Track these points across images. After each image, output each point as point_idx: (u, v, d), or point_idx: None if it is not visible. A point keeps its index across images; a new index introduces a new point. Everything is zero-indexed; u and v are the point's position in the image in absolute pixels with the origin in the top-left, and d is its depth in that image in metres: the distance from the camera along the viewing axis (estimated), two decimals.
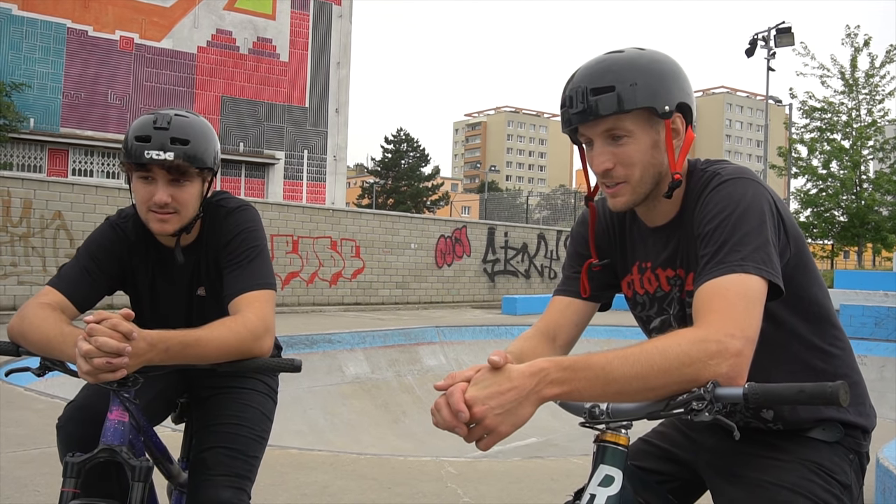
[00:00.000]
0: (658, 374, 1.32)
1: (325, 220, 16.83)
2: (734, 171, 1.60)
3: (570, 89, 1.61)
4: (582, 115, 1.57)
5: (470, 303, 19.47)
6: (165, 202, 2.04)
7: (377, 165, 58.75)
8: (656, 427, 1.94)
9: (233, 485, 2.06)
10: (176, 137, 2.02)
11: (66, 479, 1.83)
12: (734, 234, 1.48)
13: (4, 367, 7.20)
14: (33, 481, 4.12)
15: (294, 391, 8.47)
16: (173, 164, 2.01)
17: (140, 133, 2.02)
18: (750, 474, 1.64)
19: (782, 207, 1.58)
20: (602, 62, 1.60)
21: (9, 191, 12.21)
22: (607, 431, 1.43)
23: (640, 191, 1.63)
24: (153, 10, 22.61)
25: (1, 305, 12.06)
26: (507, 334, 13.53)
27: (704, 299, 1.44)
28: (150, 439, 2.05)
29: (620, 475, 1.41)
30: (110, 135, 21.74)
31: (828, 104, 26.66)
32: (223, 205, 2.22)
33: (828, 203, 26.87)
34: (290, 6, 25.32)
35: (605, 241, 1.86)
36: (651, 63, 1.59)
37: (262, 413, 2.26)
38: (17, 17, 20.44)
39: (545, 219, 46.87)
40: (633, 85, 1.55)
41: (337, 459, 5.07)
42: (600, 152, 1.61)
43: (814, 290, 1.67)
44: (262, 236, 2.19)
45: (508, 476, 4.61)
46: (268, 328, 1.98)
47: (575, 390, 1.33)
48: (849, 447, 1.67)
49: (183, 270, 2.23)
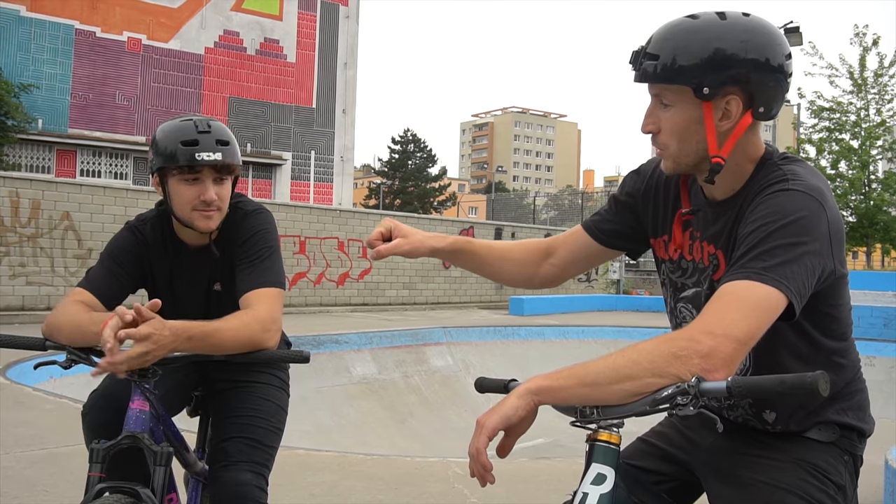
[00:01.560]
0: (629, 364, 1.37)
1: (333, 221, 16.85)
2: (805, 184, 1.53)
3: (639, 46, 1.62)
4: (636, 75, 1.60)
5: (477, 303, 19.47)
6: (214, 199, 2.20)
7: (384, 166, 58.75)
8: (655, 427, 1.93)
9: (252, 469, 2.20)
10: (219, 139, 2.20)
11: (92, 464, 1.93)
12: (766, 243, 1.46)
13: (29, 362, 7.27)
14: (42, 481, 4.14)
15: (301, 391, 8.47)
16: (223, 163, 2.18)
17: (186, 138, 2.18)
18: (744, 474, 1.63)
19: (836, 234, 1.53)
20: (669, 28, 1.59)
21: (17, 191, 12.25)
22: (599, 430, 1.43)
23: (682, 162, 1.63)
24: (161, 11, 22.68)
25: (10, 306, 12.10)
26: (515, 335, 13.52)
27: (710, 301, 1.45)
28: (168, 428, 2.16)
29: (613, 473, 1.41)
30: (118, 135, 21.83)
31: (836, 104, 26.53)
32: (241, 206, 2.37)
33: (837, 203, 26.75)
34: (298, 7, 25.37)
35: (655, 197, 1.83)
36: (712, 39, 1.52)
37: (278, 405, 2.40)
38: (25, 19, 20.52)
39: (552, 219, 46.86)
40: (676, 59, 1.53)
41: (344, 460, 5.08)
42: (649, 113, 1.63)
43: (842, 308, 1.67)
44: (275, 238, 2.36)
45: (516, 477, 4.60)
46: (275, 321, 2.12)
47: (557, 385, 1.40)
48: (844, 448, 1.66)
49: (200, 267, 2.37)
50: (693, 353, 1.34)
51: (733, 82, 1.53)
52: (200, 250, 2.34)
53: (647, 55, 1.57)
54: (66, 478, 4.10)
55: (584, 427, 1.46)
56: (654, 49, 1.56)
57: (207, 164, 2.16)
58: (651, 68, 1.56)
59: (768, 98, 1.56)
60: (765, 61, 1.53)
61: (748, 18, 1.56)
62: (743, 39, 1.52)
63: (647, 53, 1.57)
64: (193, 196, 2.19)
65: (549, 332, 13.97)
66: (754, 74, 1.53)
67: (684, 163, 1.63)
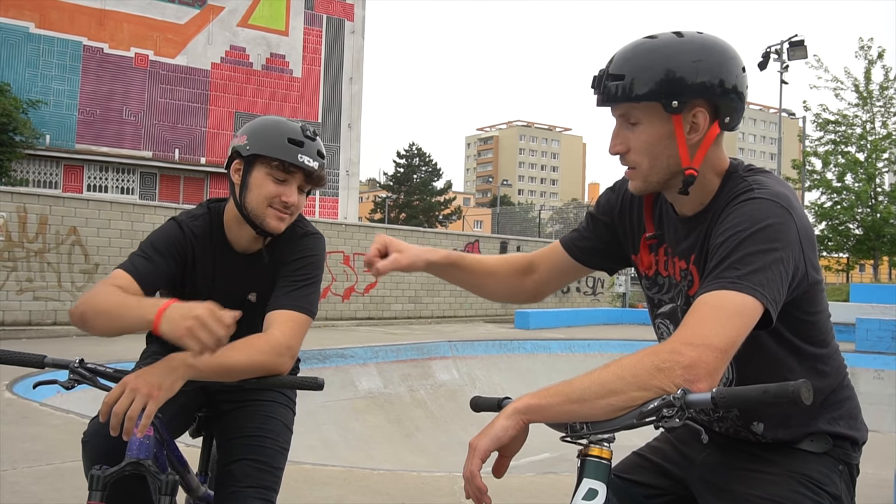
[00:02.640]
0: (613, 379, 1.37)
1: (338, 235, 16.88)
2: (770, 193, 1.55)
3: (599, 70, 1.64)
4: (599, 98, 1.62)
5: (482, 317, 19.45)
6: (294, 203, 2.20)
7: (389, 180, 58.90)
8: (650, 441, 1.93)
9: (260, 496, 2.14)
10: (320, 151, 2.23)
11: (92, 491, 1.85)
12: (737, 252, 1.48)
13: (28, 380, 7.27)
14: (48, 496, 4.14)
15: (307, 406, 8.46)
16: (318, 174, 2.21)
17: (294, 137, 2.18)
18: (738, 489, 1.63)
19: (806, 239, 1.54)
20: (631, 48, 1.62)
21: (25, 206, 12.31)
22: (590, 445, 1.44)
23: (652, 179, 1.64)
24: (168, 27, 22.83)
25: (17, 321, 12.13)
26: (520, 349, 13.50)
27: (688, 313, 1.46)
28: (172, 453, 2.09)
29: (604, 488, 1.42)
30: (125, 151, 21.93)
31: (842, 117, 26.58)
32: (300, 226, 2.34)
33: (843, 216, 26.74)
34: (303, 22, 25.52)
35: (622, 221, 1.86)
36: (676, 54, 1.56)
37: (284, 424, 2.35)
38: (34, 36, 20.68)
39: (557, 233, 46.84)
40: (642, 76, 1.56)
41: (350, 474, 5.07)
42: (616, 134, 1.65)
43: (820, 315, 1.67)
44: (321, 268, 2.32)
45: (522, 492, 4.59)
46: (290, 348, 2.06)
47: (545, 403, 1.41)
48: (838, 458, 1.66)
49: (241, 274, 2.32)
50: (675, 364, 1.35)
51: (699, 95, 1.56)
52: (247, 257, 2.31)
53: (610, 76, 1.59)
54: (73, 493, 4.10)
55: (574, 442, 1.46)
56: (617, 70, 1.58)
57: (306, 168, 2.16)
58: (615, 89, 1.58)
59: (731, 109, 1.60)
60: (734, 71, 1.58)
61: (704, 36, 1.61)
62: (707, 51, 1.57)
63: (611, 75, 1.59)
64: (275, 193, 2.17)
65: (554, 346, 13.94)
66: (726, 85, 1.57)
67: (654, 180, 1.64)
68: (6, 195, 12.34)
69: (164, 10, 22.78)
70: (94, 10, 21.61)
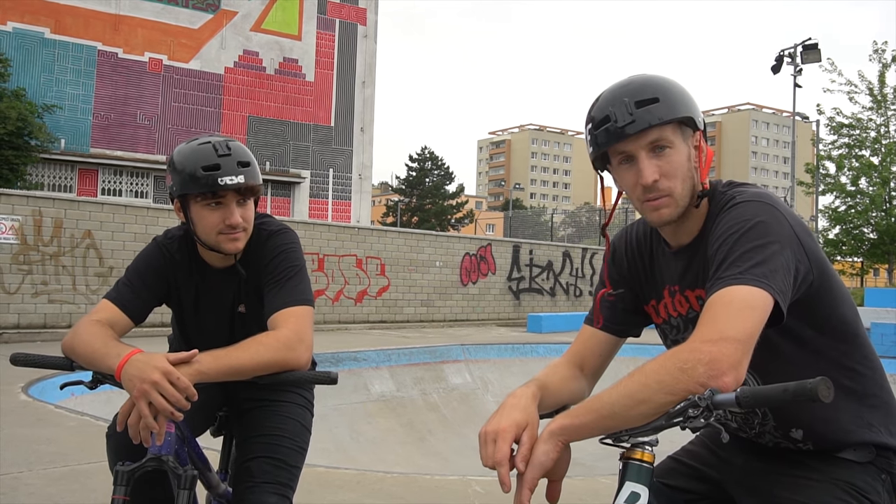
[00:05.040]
0: (639, 388, 1.37)
1: (351, 239, 16.91)
2: (752, 194, 1.60)
3: (606, 107, 1.61)
4: (630, 126, 1.57)
5: (495, 321, 19.44)
6: (239, 223, 2.16)
7: (402, 184, 58.95)
8: (686, 445, 1.93)
9: (276, 492, 2.18)
10: (240, 161, 2.15)
11: (116, 486, 1.91)
12: (734, 252, 1.49)
13: (51, 380, 7.32)
14: (64, 498, 4.16)
15: (320, 409, 8.40)
16: (246, 185, 2.14)
17: (206, 163, 2.12)
18: (781, 494, 1.62)
19: (802, 231, 1.57)
20: (631, 81, 1.63)
21: (40, 210, 12.39)
22: (633, 449, 1.44)
23: (682, 203, 1.63)
24: (181, 31, 22.95)
25: (33, 324, 12.21)
26: (533, 352, 13.47)
27: (700, 316, 1.46)
28: (192, 450, 2.14)
29: (647, 492, 1.41)
30: (139, 155, 22.05)
31: (856, 120, 26.40)
32: (265, 227, 2.33)
33: (857, 220, 26.56)
34: (316, 27, 25.60)
35: (634, 267, 1.86)
36: (672, 82, 1.63)
37: (302, 425, 2.39)
38: (49, 41, 20.83)
39: (570, 236, 46.73)
40: (671, 96, 1.59)
41: (364, 478, 5.07)
42: (647, 164, 1.59)
43: (841, 309, 1.66)
44: (299, 256, 2.30)
45: (537, 496, 4.57)
46: (302, 340, 2.07)
47: (579, 423, 1.42)
48: (881, 467, 1.64)
49: (225, 289, 2.34)
50: (697, 362, 1.35)
51: (701, 116, 1.65)
52: (225, 271, 2.32)
53: (638, 103, 1.57)
54: (89, 496, 4.13)
55: (615, 445, 1.46)
56: (648, 95, 1.58)
57: (230, 188, 2.11)
58: (656, 110, 1.57)
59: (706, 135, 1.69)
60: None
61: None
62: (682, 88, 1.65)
63: (640, 101, 1.58)
64: (218, 221, 2.15)
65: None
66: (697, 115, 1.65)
67: (683, 204, 1.64)
68: (22, 199, 12.44)
69: (178, 15, 22.90)
70: (109, 16, 21.75)
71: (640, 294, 1.86)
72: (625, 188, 1.67)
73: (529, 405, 1.56)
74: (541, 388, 1.68)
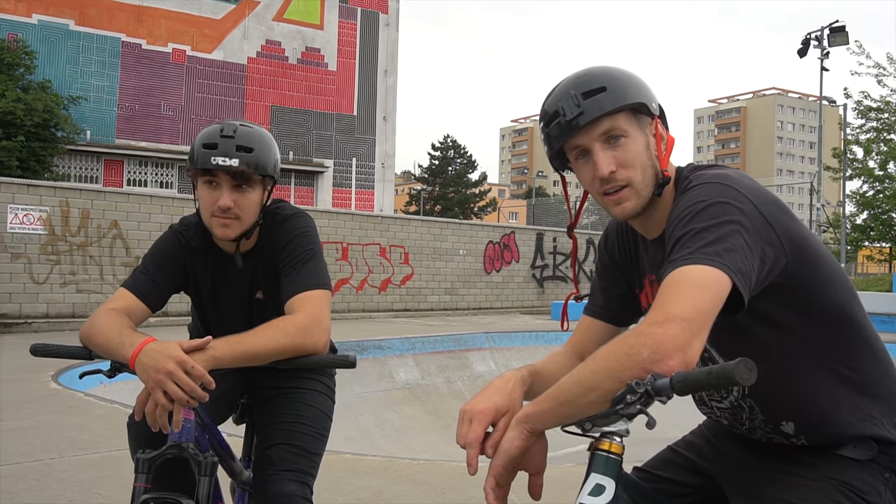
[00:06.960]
0: (589, 375, 1.32)
1: (374, 227, 16.95)
2: (711, 176, 1.53)
3: (555, 102, 1.58)
4: (580, 118, 1.54)
5: (519, 308, 19.42)
6: (229, 206, 2.13)
7: (424, 172, 58.92)
8: (686, 436, 1.88)
9: (297, 479, 2.17)
10: (241, 145, 2.12)
11: (137, 474, 1.91)
12: (687, 233, 1.42)
13: (73, 371, 7.41)
14: (95, 484, 4.22)
15: (345, 397, 8.51)
16: (238, 170, 2.11)
17: (207, 141, 2.13)
18: (771, 493, 1.55)
19: (772, 209, 1.48)
20: (580, 74, 1.60)
21: (67, 201, 12.53)
22: (601, 439, 1.35)
23: (644, 193, 1.58)
24: (204, 22, 23.04)
25: (61, 313, 12.36)
26: (557, 340, 13.45)
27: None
28: (214, 437, 2.14)
29: (613, 484, 1.34)
30: (164, 145, 22.20)
31: (884, 103, 26.01)
32: (279, 212, 2.32)
33: (885, 205, 26.21)
34: (338, 16, 25.59)
35: (624, 254, 1.83)
36: (623, 70, 1.60)
37: (323, 412, 2.38)
38: (73, 33, 21.00)
39: (593, 224, 46.53)
40: (621, 83, 1.56)
41: (390, 464, 5.09)
42: (602, 156, 1.55)
43: (829, 291, 1.56)
44: (315, 240, 2.29)
45: (563, 482, 4.56)
46: (319, 323, 2.06)
47: (540, 410, 1.38)
48: (884, 465, 1.54)
49: (242, 275, 2.32)
50: (641, 346, 1.27)
51: (658, 102, 1.62)
52: (240, 258, 2.30)
53: (585, 94, 1.54)
54: (119, 482, 4.17)
55: (583, 435, 1.39)
56: (594, 85, 1.55)
57: (221, 169, 2.10)
58: (602, 99, 1.53)
59: (665, 121, 1.64)
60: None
61: None
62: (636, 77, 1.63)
63: (587, 91, 1.54)
64: (212, 202, 2.15)
65: None
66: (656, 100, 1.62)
67: (645, 195, 1.59)
68: (49, 190, 12.58)
69: (201, 6, 22.99)
70: (133, 7, 21.87)
71: (631, 281, 1.83)
72: (584, 183, 1.63)
73: (515, 390, 1.53)
74: (533, 374, 1.67)
